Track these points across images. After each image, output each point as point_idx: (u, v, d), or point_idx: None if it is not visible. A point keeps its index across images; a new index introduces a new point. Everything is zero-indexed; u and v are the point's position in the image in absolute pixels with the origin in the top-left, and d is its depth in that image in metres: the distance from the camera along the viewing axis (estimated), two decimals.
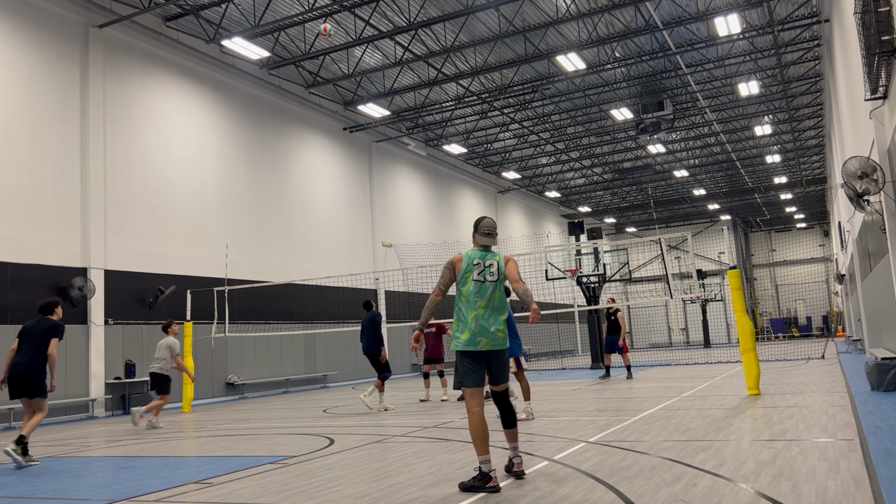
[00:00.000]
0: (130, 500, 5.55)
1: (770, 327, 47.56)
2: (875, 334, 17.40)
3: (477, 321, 5.38)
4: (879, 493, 4.32)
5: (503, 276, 5.58)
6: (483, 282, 5.48)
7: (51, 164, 15.00)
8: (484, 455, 5.16)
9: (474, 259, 5.54)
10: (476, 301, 5.43)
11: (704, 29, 20.56)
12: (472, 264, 5.51)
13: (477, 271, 5.49)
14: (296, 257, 21.46)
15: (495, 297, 5.51)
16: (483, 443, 5.20)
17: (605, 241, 33.16)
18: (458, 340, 5.41)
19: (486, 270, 5.51)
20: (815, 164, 38.75)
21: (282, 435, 9.40)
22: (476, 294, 5.44)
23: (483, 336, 5.36)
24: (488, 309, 5.44)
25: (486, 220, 5.73)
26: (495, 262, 5.56)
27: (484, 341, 5.35)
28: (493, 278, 5.51)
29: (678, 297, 43.91)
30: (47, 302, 8.70)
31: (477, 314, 5.40)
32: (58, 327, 8.46)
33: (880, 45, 8.55)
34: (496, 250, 5.75)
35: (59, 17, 15.58)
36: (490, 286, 5.49)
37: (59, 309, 8.73)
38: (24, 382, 8.19)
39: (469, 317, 5.40)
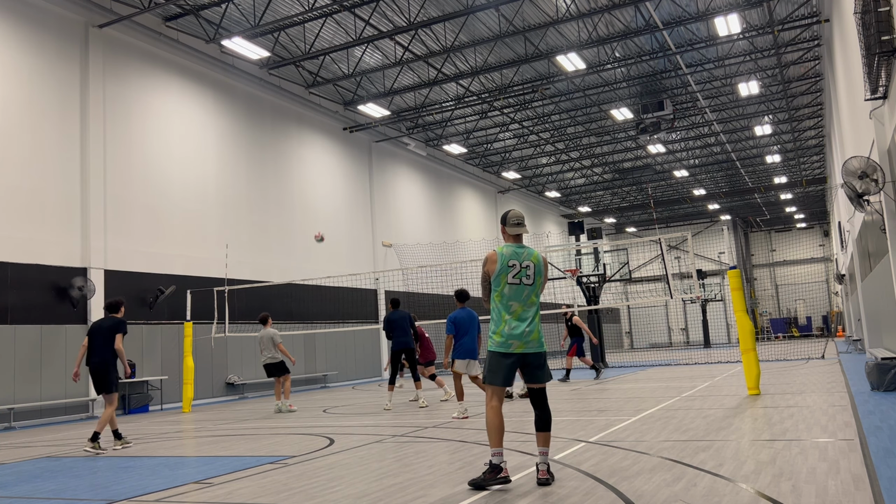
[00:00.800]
0: (130, 500, 5.55)
1: (770, 327, 47.57)
2: (875, 334, 17.40)
3: (510, 324, 5.30)
4: (879, 493, 4.32)
5: (540, 279, 5.43)
6: (519, 284, 5.34)
7: (51, 164, 15.00)
8: (497, 448, 5.17)
9: (509, 260, 5.35)
10: (511, 304, 5.32)
11: (704, 29, 20.56)
12: (506, 265, 5.34)
13: (512, 273, 5.33)
14: (296, 257, 21.46)
15: (531, 300, 5.38)
16: (498, 435, 5.19)
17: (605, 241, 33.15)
18: (492, 340, 5.35)
19: (523, 272, 5.34)
20: (815, 164, 38.75)
21: (282, 435, 9.40)
22: (511, 297, 5.33)
23: (516, 339, 5.29)
24: (524, 312, 5.34)
25: (513, 211, 5.57)
26: (532, 265, 5.39)
27: (516, 344, 5.29)
28: (529, 282, 5.36)
29: (678, 297, 43.90)
30: (112, 301, 9.45)
31: (512, 317, 5.31)
32: (122, 324, 9.18)
33: (880, 45, 8.54)
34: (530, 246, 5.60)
35: (59, 17, 15.58)
36: (526, 289, 5.36)
37: (122, 307, 9.48)
38: (98, 377, 9.00)
39: (504, 319, 5.32)
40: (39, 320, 14.39)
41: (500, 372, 5.29)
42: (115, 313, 9.31)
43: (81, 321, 15.15)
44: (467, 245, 29.95)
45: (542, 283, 5.47)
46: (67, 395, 14.67)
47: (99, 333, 9.07)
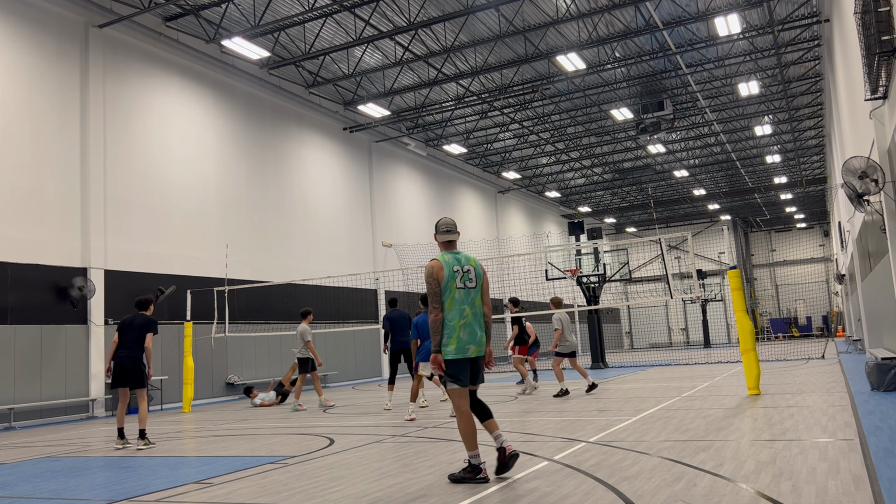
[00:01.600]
0: (130, 500, 5.55)
1: (770, 327, 47.58)
2: (875, 334, 17.40)
3: (465, 329, 5.47)
4: (879, 493, 4.32)
5: (479, 282, 5.67)
6: (464, 288, 5.54)
7: (51, 164, 15.00)
8: (474, 450, 5.38)
9: (453, 265, 5.56)
10: (464, 308, 5.50)
11: (704, 29, 20.56)
12: (452, 272, 5.53)
13: (458, 278, 5.53)
14: (296, 257, 21.46)
15: (477, 302, 5.60)
16: (474, 439, 5.41)
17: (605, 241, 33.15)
18: (446, 349, 5.43)
19: (466, 276, 5.58)
20: (815, 164, 38.75)
21: (282, 435, 9.40)
22: (462, 301, 5.51)
23: (472, 343, 5.49)
24: (474, 315, 5.55)
25: (444, 219, 5.81)
26: (472, 268, 5.65)
27: (473, 348, 5.49)
28: (472, 284, 5.60)
29: (678, 297, 43.93)
30: (142, 299, 9.51)
31: (465, 322, 5.48)
32: (152, 323, 9.29)
33: (880, 45, 8.54)
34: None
35: (59, 17, 15.58)
36: (471, 292, 5.58)
37: (152, 306, 9.57)
38: (128, 374, 9.07)
39: (457, 325, 5.46)
40: (39, 320, 14.39)
41: (461, 377, 5.47)
42: (145, 311, 9.43)
43: (81, 321, 15.15)
44: (467, 245, 29.96)
45: (485, 285, 5.69)
46: (67, 395, 14.68)
47: (131, 329, 9.19)
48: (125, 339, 9.20)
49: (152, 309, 9.60)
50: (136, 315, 9.37)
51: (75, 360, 14.94)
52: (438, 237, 5.76)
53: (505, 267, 31.67)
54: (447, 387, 5.52)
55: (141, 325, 9.21)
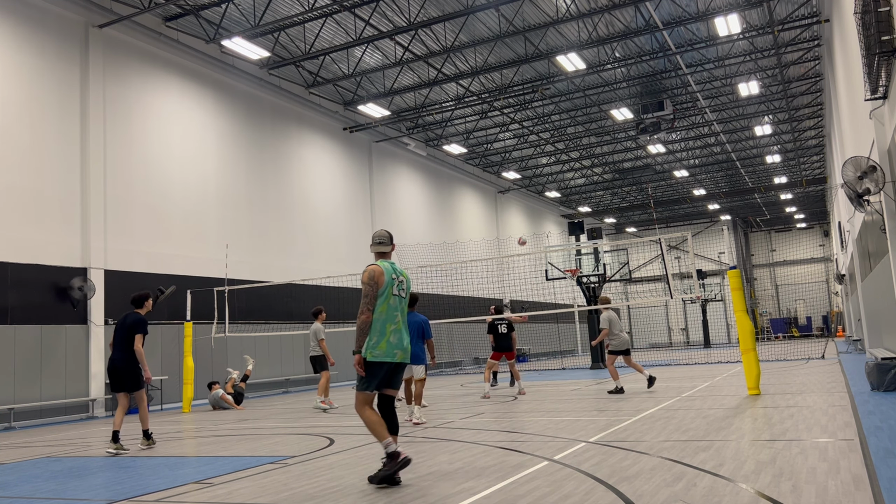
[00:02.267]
0: (130, 500, 5.55)
1: (770, 327, 47.57)
2: (875, 334, 17.40)
3: (396, 334, 5.67)
4: (879, 493, 4.32)
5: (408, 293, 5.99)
6: (399, 296, 5.80)
7: (51, 164, 15.00)
8: (386, 439, 5.47)
9: (392, 273, 5.79)
10: (396, 315, 5.73)
11: (704, 29, 20.56)
12: (391, 279, 5.76)
13: (395, 285, 5.78)
14: (296, 257, 21.45)
15: (406, 311, 5.90)
16: (383, 427, 5.53)
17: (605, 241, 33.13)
18: (373, 351, 5.57)
19: (400, 286, 5.84)
20: (815, 164, 38.75)
21: (282, 435, 9.40)
22: (395, 309, 5.74)
23: (399, 349, 5.68)
24: (404, 324, 5.80)
25: (378, 231, 6.04)
26: (404, 280, 5.93)
27: (400, 354, 5.68)
28: (403, 294, 5.88)
29: (678, 297, 43.92)
30: (137, 295, 9.13)
31: (396, 327, 5.69)
32: (140, 322, 8.83)
33: (880, 45, 8.54)
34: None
35: (59, 17, 15.57)
36: (403, 301, 5.86)
37: (148, 302, 9.11)
38: (121, 377, 8.70)
39: (388, 330, 5.65)
40: (39, 320, 14.39)
41: (377, 379, 5.63)
42: (140, 308, 9.03)
43: (81, 321, 15.15)
44: (467, 245, 29.97)
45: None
46: (67, 395, 14.67)
47: (121, 330, 8.82)
48: (116, 341, 8.83)
49: (150, 304, 9.12)
50: (129, 314, 8.98)
51: (75, 360, 14.94)
52: (373, 248, 5.98)
53: (505, 267, 31.67)
54: (357, 388, 5.65)
55: (130, 326, 8.80)
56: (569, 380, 17.53)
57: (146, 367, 8.85)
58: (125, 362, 8.75)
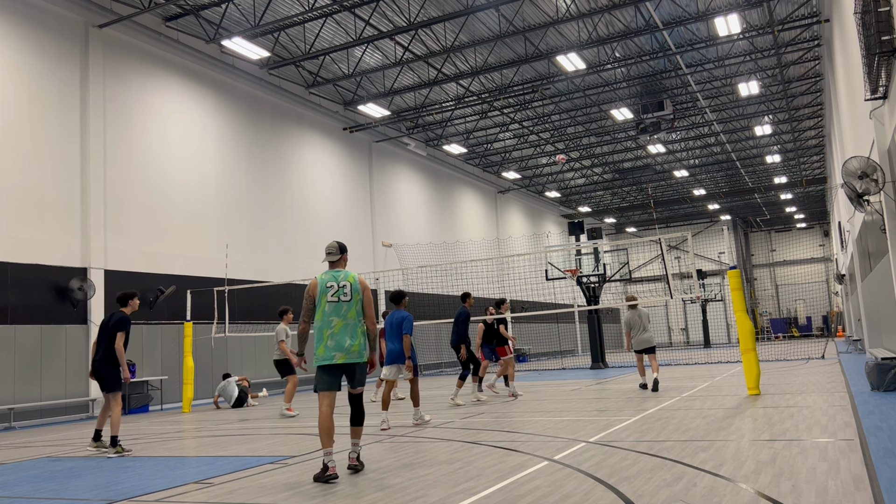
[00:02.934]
0: (130, 500, 5.55)
1: (770, 327, 47.57)
2: (875, 334, 17.40)
3: (333, 338, 6.04)
4: (879, 493, 4.32)
5: (357, 296, 6.22)
6: (338, 301, 6.13)
7: (51, 164, 15.00)
8: (327, 448, 5.90)
9: (327, 282, 6.20)
10: (332, 320, 6.08)
11: (704, 29, 20.56)
12: (325, 287, 6.18)
13: (331, 293, 6.15)
14: (296, 257, 21.45)
15: (350, 314, 6.14)
16: (327, 437, 5.97)
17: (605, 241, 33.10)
18: (316, 356, 6.08)
19: (340, 291, 6.16)
20: (815, 164, 38.75)
21: (282, 435, 9.40)
22: (331, 314, 6.09)
23: (338, 351, 6.04)
24: (344, 326, 6.09)
25: (327, 245, 6.47)
26: (349, 284, 6.22)
27: (339, 355, 6.04)
28: (346, 298, 6.16)
29: (678, 297, 43.93)
30: (122, 294, 8.98)
31: (333, 332, 6.06)
32: (123, 321, 8.68)
33: (880, 45, 8.54)
34: (350, 270, 6.40)
35: (59, 17, 15.57)
36: (345, 305, 6.15)
37: (133, 301, 8.97)
38: (100, 377, 8.68)
39: (325, 334, 6.06)
40: (39, 320, 14.39)
41: (323, 381, 6.09)
42: (124, 307, 8.85)
43: (81, 321, 15.15)
44: (467, 245, 29.97)
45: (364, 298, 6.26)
46: (67, 395, 14.67)
47: (105, 329, 8.72)
48: (100, 340, 8.73)
49: (135, 303, 8.92)
50: (114, 313, 8.81)
51: (75, 360, 14.94)
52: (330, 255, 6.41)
53: (505, 267, 31.67)
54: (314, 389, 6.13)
55: (113, 325, 8.65)
56: (569, 380, 17.53)
57: (125, 367, 8.64)
58: (104, 362, 8.64)
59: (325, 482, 5.71)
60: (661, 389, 12.63)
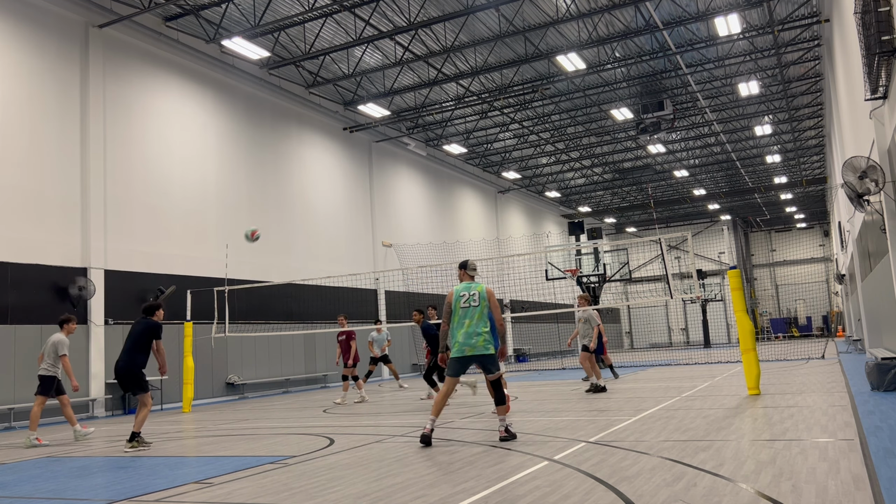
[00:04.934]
0: (130, 500, 5.55)
1: (770, 327, 47.56)
2: (875, 334, 17.40)
3: (464, 336, 7.55)
4: (879, 493, 4.32)
5: (484, 301, 7.68)
6: (468, 307, 7.65)
7: (51, 164, 15.00)
8: (433, 416, 7.50)
9: (461, 292, 7.75)
10: (464, 322, 7.59)
11: (704, 29, 20.56)
12: (459, 296, 7.73)
13: (463, 300, 7.68)
14: (296, 257, 21.45)
15: (476, 316, 7.60)
16: (437, 409, 7.55)
17: (605, 241, 33.11)
18: (453, 349, 7.62)
19: (470, 299, 7.68)
20: (815, 164, 38.75)
21: (282, 435, 9.40)
22: (463, 317, 7.62)
23: (467, 346, 7.54)
24: (472, 325, 7.56)
25: (470, 262, 8.10)
26: (477, 293, 7.71)
27: (468, 349, 7.53)
28: (475, 304, 7.65)
29: (678, 297, 43.92)
30: (149, 305, 9.44)
31: (464, 330, 7.57)
32: (154, 327, 9.18)
33: (880, 45, 8.55)
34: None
35: (59, 17, 15.57)
36: (472, 310, 7.63)
37: (160, 312, 9.42)
38: (123, 380, 9.09)
39: (458, 333, 7.60)
40: (39, 320, 14.38)
41: (454, 368, 7.61)
42: (151, 316, 9.30)
43: (82, 321, 15.14)
44: (467, 245, 29.96)
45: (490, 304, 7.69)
46: (67, 395, 14.64)
47: (130, 335, 9.17)
48: (125, 345, 9.15)
49: (160, 314, 9.39)
50: (140, 320, 9.28)
51: (75, 360, 14.92)
52: (465, 273, 8.03)
53: (505, 267, 31.67)
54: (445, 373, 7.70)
55: (140, 332, 9.11)
56: (569, 380, 17.54)
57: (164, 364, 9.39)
58: (128, 365, 9.02)
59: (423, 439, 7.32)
60: (652, 391, 12.63)
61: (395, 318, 24.63)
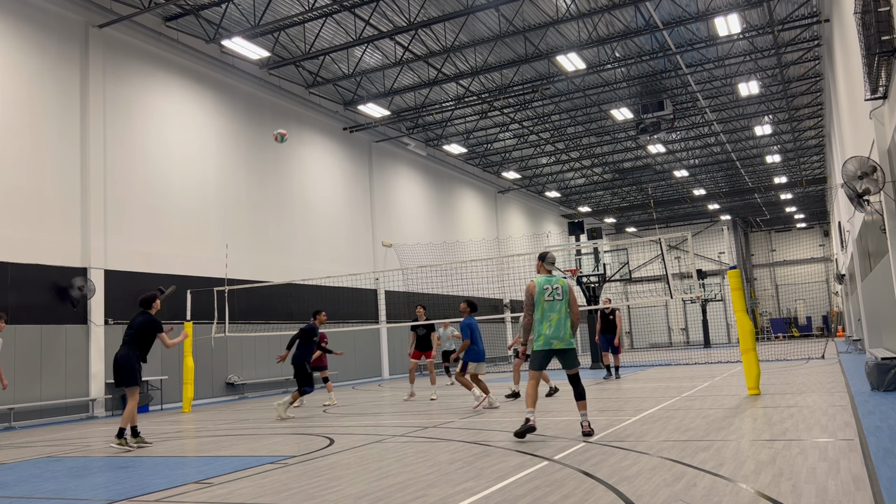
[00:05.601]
0: (130, 500, 5.55)
1: (770, 327, 47.55)
2: (875, 334, 17.40)
3: (550, 329, 7.49)
4: (879, 493, 4.32)
5: (566, 297, 7.63)
6: (552, 300, 7.56)
7: (51, 164, 15.00)
8: (530, 409, 7.42)
9: (544, 285, 7.61)
10: (550, 315, 7.52)
11: (704, 29, 20.55)
12: (542, 289, 7.58)
13: (546, 294, 7.56)
14: (296, 257, 21.45)
15: (563, 310, 7.55)
16: (532, 401, 7.48)
17: (605, 241, 33.11)
18: (537, 342, 7.54)
19: (554, 292, 7.60)
20: (815, 164, 38.75)
21: (282, 435, 9.40)
22: (549, 310, 7.52)
23: (555, 339, 7.50)
24: (559, 320, 7.52)
25: (550, 254, 7.92)
26: (560, 286, 7.65)
27: (556, 342, 7.50)
28: (559, 297, 7.59)
29: (678, 297, 43.91)
30: (145, 297, 9.37)
31: (550, 324, 7.50)
32: (154, 322, 9.15)
33: (880, 45, 8.54)
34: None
35: (59, 17, 15.57)
36: (558, 303, 7.57)
37: (156, 303, 9.39)
38: (118, 372, 8.96)
39: (544, 327, 7.51)
40: (39, 320, 14.39)
41: (540, 362, 7.57)
42: (149, 309, 9.25)
43: (81, 321, 15.15)
44: (467, 245, 29.96)
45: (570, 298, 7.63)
46: (67, 395, 14.67)
47: (129, 328, 9.11)
48: (124, 337, 9.13)
49: (157, 305, 9.37)
50: (138, 314, 9.25)
51: (75, 360, 14.94)
52: (544, 265, 7.84)
53: (505, 267, 31.65)
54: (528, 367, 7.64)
55: (138, 326, 9.07)
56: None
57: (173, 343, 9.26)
58: (125, 358, 8.96)
59: (524, 432, 7.33)
60: (652, 391, 12.63)
61: (395, 318, 24.63)
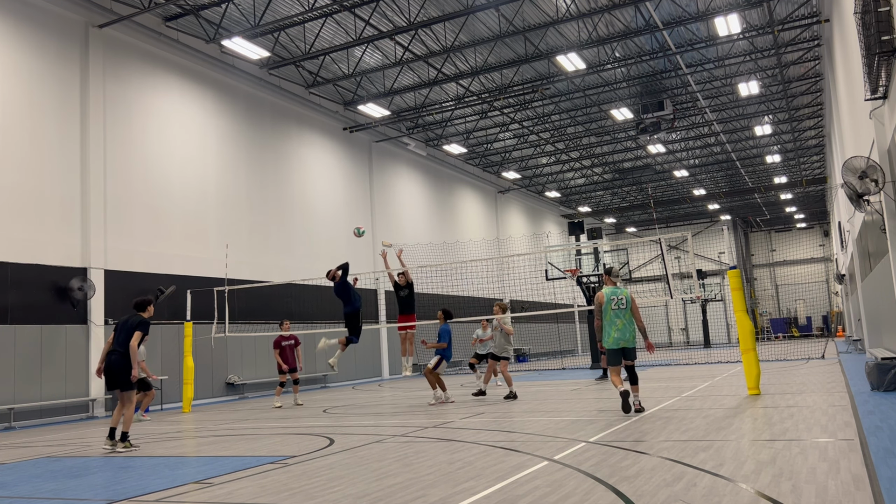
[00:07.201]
0: (130, 500, 5.55)
1: (770, 327, 47.54)
2: (875, 334, 17.40)
3: (618, 331, 9.33)
4: (879, 493, 4.32)
5: (629, 305, 9.43)
6: (618, 309, 9.39)
7: (51, 164, 14.99)
8: (620, 387, 9.25)
9: (610, 295, 9.44)
10: (616, 321, 9.36)
11: (704, 29, 20.55)
12: (609, 299, 9.42)
13: (613, 303, 9.40)
14: (296, 257, 21.45)
15: (626, 316, 9.40)
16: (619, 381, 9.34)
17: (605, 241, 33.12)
18: (607, 342, 9.40)
19: (619, 302, 9.41)
20: (815, 164, 38.74)
21: (282, 435, 9.40)
22: (616, 317, 9.38)
23: (622, 340, 9.36)
24: (624, 325, 9.36)
25: (615, 268, 9.78)
26: (624, 297, 9.44)
27: (623, 342, 9.36)
28: (623, 307, 9.42)
29: (678, 297, 43.90)
30: (140, 300, 9.32)
31: (617, 327, 9.34)
32: (143, 323, 9.04)
33: (880, 45, 8.54)
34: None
35: (59, 17, 15.57)
36: (622, 312, 9.41)
37: (151, 307, 9.32)
38: (114, 374, 8.88)
39: (612, 330, 9.36)
40: (39, 320, 14.38)
41: (614, 359, 9.43)
42: (142, 312, 9.17)
43: (81, 321, 15.15)
44: (467, 245, 29.94)
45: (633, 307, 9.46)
46: (67, 395, 14.67)
47: (122, 330, 8.99)
48: (116, 340, 8.97)
49: (151, 310, 9.28)
50: (131, 315, 9.12)
51: (75, 360, 14.94)
52: (610, 279, 9.66)
53: (505, 267, 31.66)
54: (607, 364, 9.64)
55: (131, 326, 8.93)
56: (569, 380, 17.54)
57: (135, 365, 8.82)
58: (121, 360, 8.85)
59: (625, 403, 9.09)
60: (652, 391, 12.63)
61: (395, 319, 24.58)
